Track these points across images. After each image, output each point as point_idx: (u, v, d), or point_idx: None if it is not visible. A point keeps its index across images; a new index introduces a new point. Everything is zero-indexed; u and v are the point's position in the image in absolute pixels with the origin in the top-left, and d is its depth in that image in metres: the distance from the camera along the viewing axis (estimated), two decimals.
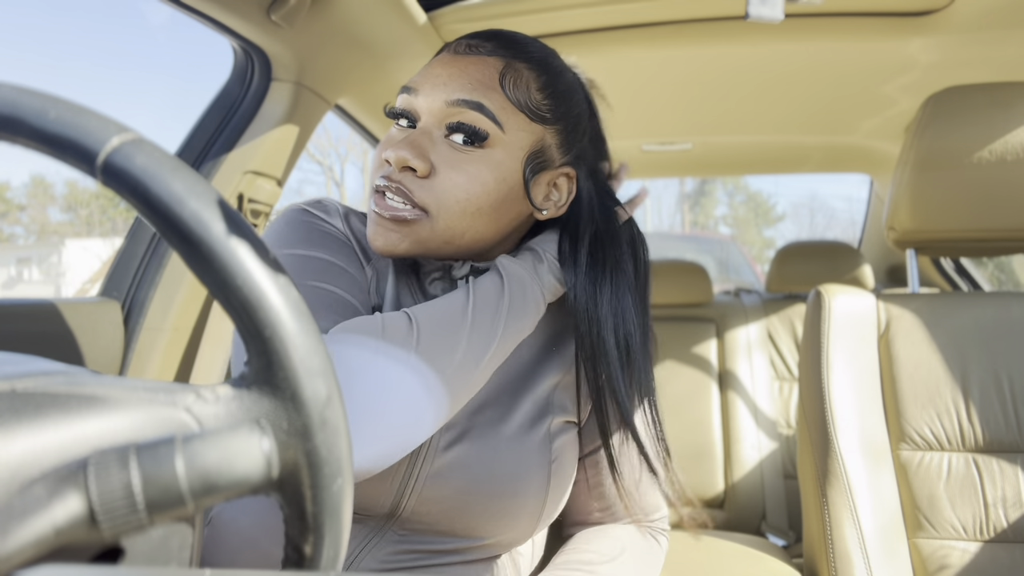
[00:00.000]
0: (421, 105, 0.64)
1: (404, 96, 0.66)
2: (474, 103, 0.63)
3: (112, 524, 0.25)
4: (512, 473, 0.63)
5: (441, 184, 0.62)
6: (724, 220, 29.04)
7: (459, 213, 0.63)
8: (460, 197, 0.62)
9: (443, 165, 0.62)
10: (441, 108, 0.63)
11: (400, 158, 0.61)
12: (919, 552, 0.91)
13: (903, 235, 1.04)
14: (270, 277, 0.30)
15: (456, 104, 0.63)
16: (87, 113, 0.29)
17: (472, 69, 0.64)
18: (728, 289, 2.28)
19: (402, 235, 0.62)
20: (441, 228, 0.63)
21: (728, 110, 1.69)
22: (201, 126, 1.15)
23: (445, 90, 0.63)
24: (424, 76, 0.66)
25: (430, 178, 0.62)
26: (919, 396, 0.95)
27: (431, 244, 0.64)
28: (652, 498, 0.76)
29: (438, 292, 0.69)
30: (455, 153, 0.63)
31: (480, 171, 0.63)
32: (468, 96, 0.63)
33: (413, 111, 0.65)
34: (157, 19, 53.88)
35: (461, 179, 0.62)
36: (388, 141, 0.65)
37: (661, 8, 1.18)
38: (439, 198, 0.62)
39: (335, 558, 0.32)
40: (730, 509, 1.78)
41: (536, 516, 0.65)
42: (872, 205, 2.43)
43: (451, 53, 0.67)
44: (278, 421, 0.30)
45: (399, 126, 0.67)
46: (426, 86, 0.64)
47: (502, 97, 0.64)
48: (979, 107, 0.98)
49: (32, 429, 0.26)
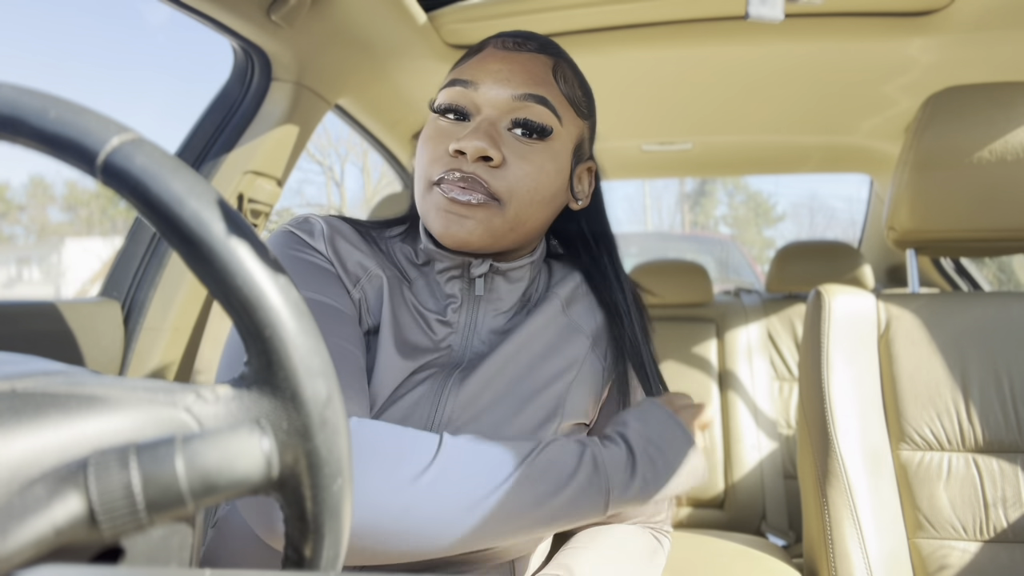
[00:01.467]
0: (482, 98, 0.66)
1: (458, 90, 0.67)
2: (540, 97, 0.66)
3: (112, 524, 0.25)
4: None
5: (513, 173, 0.65)
6: (724, 220, 29.03)
7: (528, 202, 0.66)
8: (530, 186, 0.65)
9: (512, 156, 0.65)
10: (507, 102, 0.66)
11: (478, 148, 0.63)
12: (919, 552, 0.91)
13: (903, 235, 1.04)
14: (270, 277, 0.30)
15: (523, 98, 0.65)
16: (87, 113, 0.29)
17: (530, 65, 0.67)
18: (728, 289, 2.27)
19: (476, 222, 0.64)
20: (511, 216, 0.65)
21: (728, 110, 1.69)
22: (201, 126, 1.15)
23: (509, 85, 0.65)
24: (481, 70, 0.67)
25: (501, 169, 0.64)
26: (919, 396, 0.95)
27: (499, 232, 0.66)
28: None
29: (455, 291, 0.70)
30: (521, 145, 0.66)
31: (544, 162, 0.66)
32: (533, 90, 0.66)
33: (470, 104, 0.66)
34: (157, 19, 53.87)
35: (530, 169, 0.65)
36: (446, 133, 0.66)
37: (661, 8, 1.18)
38: (511, 187, 0.65)
39: (335, 558, 0.32)
40: (730, 509, 1.78)
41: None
42: (872, 205, 2.43)
43: (500, 49, 0.68)
44: (278, 421, 0.30)
45: (448, 119, 0.67)
46: (487, 80, 0.66)
47: (558, 92, 0.68)
48: (979, 107, 0.98)
49: (32, 429, 0.26)
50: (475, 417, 0.64)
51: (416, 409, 0.64)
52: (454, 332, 0.70)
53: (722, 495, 1.80)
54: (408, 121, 1.69)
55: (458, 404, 0.64)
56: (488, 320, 0.71)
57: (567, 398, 0.68)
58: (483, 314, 0.71)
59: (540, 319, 0.71)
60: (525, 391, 0.67)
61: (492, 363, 0.67)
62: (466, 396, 0.65)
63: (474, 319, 0.70)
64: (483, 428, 0.64)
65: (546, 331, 0.71)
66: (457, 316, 0.70)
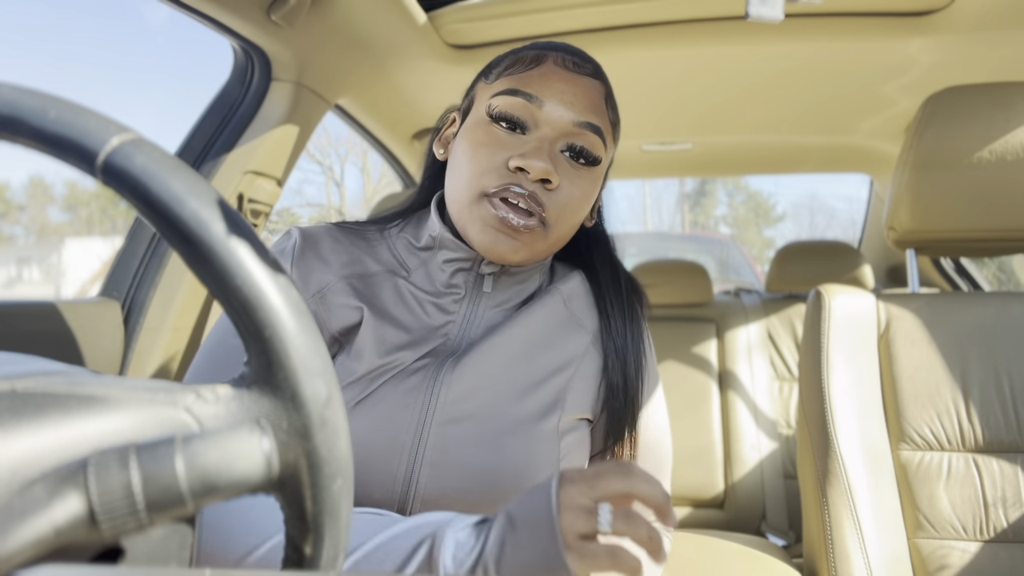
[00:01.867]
0: (544, 116, 0.66)
1: (521, 101, 0.66)
2: (595, 127, 0.67)
3: (112, 524, 0.25)
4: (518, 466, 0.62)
5: (564, 198, 0.66)
6: (724, 220, 29.02)
7: (570, 225, 0.67)
8: (575, 211, 0.67)
9: (565, 181, 0.66)
10: (567, 126, 0.66)
11: (544, 171, 0.63)
12: (919, 552, 0.91)
13: (903, 235, 1.04)
14: (270, 277, 0.30)
15: (582, 126, 0.66)
16: (87, 113, 0.29)
17: (591, 91, 0.68)
18: (728, 289, 2.27)
19: (522, 243, 0.65)
20: (553, 239, 0.67)
21: (728, 110, 1.69)
22: (201, 126, 1.15)
23: (572, 109, 0.66)
24: (545, 87, 0.66)
25: (555, 192, 0.65)
26: (919, 396, 0.95)
27: (540, 253, 0.67)
28: None
29: (459, 281, 0.70)
30: (572, 169, 0.66)
31: (589, 188, 0.68)
32: (592, 120, 0.67)
33: (530, 118, 0.66)
34: (157, 19, 53.85)
35: (578, 195, 0.66)
36: (502, 144, 0.65)
37: (661, 8, 1.18)
38: (560, 211, 0.65)
39: (335, 558, 0.32)
40: (730, 509, 1.78)
41: None
42: (872, 205, 2.43)
43: (562, 68, 0.68)
44: (278, 421, 0.30)
45: (502, 127, 0.66)
46: (552, 100, 0.66)
47: (607, 120, 0.69)
48: (979, 107, 0.98)
49: (32, 429, 0.26)
50: (469, 405, 0.64)
51: (409, 397, 0.64)
52: (452, 322, 0.69)
53: (722, 495, 1.80)
54: (408, 121, 1.69)
55: (452, 392, 0.64)
56: (488, 314, 0.71)
57: (568, 391, 0.68)
58: (484, 308, 0.71)
59: (540, 311, 0.71)
60: (522, 380, 0.66)
61: (486, 349, 0.67)
62: (461, 384, 0.64)
63: (475, 312, 0.70)
64: (479, 416, 0.63)
65: (546, 323, 0.70)
66: (458, 307, 0.70)
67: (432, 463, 0.61)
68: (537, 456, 0.63)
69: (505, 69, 0.69)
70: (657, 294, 2.04)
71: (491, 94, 0.68)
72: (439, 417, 0.63)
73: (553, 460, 0.64)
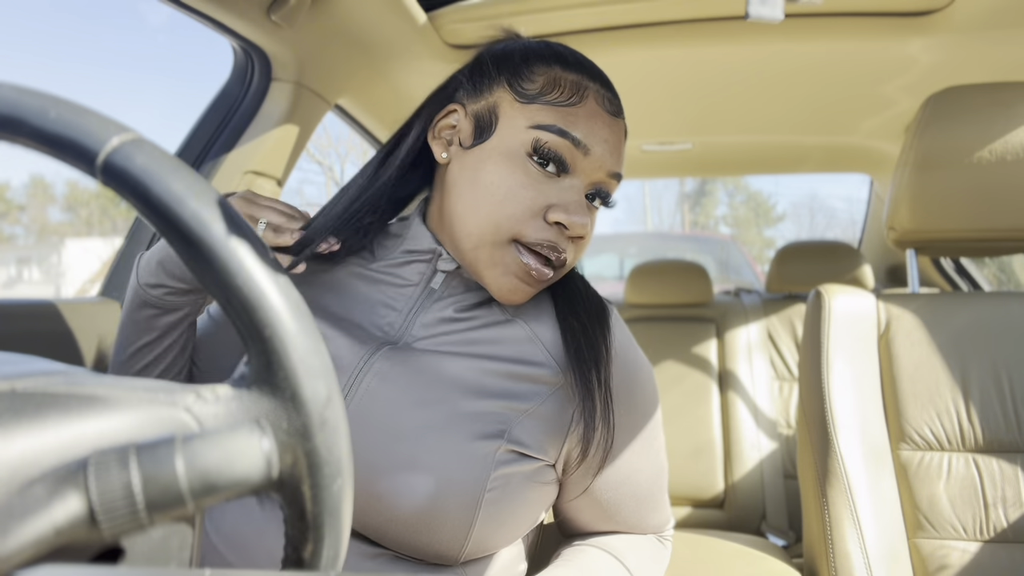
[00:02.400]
0: (588, 166, 0.63)
1: (568, 145, 0.61)
2: (620, 176, 0.67)
3: (112, 524, 0.25)
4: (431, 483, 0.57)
5: (583, 244, 0.66)
6: (724, 220, 29.02)
7: (576, 262, 0.67)
8: (583, 251, 0.67)
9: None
10: (603, 176, 0.65)
11: (583, 228, 0.62)
12: (919, 552, 0.91)
13: (903, 235, 1.04)
14: (270, 277, 0.30)
15: (613, 177, 0.66)
16: (87, 113, 0.29)
17: (622, 135, 0.67)
18: (728, 289, 2.28)
19: (537, 289, 0.65)
20: (561, 275, 0.66)
21: (728, 110, 1.69)
22: (201, 126, 1.15)
23: (611, 159, 0.65)
24: (592, 134, 0.62)
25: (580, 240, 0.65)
26: (919, 396, 0.95)
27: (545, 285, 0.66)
28: (659, 517, 0.75)
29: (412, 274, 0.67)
30: (589, 211, 0.66)
31: (594, 227, 0.67)
32: (621, 170, 0.67)
33: (573, 163, 0.62)
34: (157, 19, 53.85)
35: (587, 240, 0.66)
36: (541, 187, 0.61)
37: (661, 8, 1.18)
38: (576, 255, 0.66)
39: (335, 558, 0.32)
40: (730, 509, 1.78)
41: (458, 543, 0.58)
42: (872, 205, 2.43)
43: (604, 110, 0.65)
44: (278, 421, 0.30)
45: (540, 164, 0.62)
46: (598, 148, 0.63)
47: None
48: (979, 107, 0.98)
49: (32, 429, 0.26)
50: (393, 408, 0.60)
51: None
52: (397, 310, 0.66)
53: (722, 495, 1.80)
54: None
55: (378, 385, 0.60)
56: (440, 307, 0.67)
57: (515, 428, 0.61)
58: (435, 302, 0.67)
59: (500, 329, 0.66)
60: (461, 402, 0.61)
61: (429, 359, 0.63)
62: (392, 380, 0.61)
63: (424, 304, 0.67)
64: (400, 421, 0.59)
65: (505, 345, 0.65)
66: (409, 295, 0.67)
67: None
68: (456, 476, 0.58)
69: (542, 92, 0.63)
70: (657, 294, 2.04)
71: (530, 123, 0.62)
72: (356, 409, 0.60)
73: (476, 486, 0.58)
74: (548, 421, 0.64)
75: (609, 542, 0.71)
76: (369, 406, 0.60)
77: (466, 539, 0.59)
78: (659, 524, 0.76)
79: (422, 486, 0.57)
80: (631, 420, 0.69)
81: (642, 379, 0.70)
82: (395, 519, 0.57)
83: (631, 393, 0.69)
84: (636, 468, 0.70)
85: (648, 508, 0.73)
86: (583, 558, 0.68)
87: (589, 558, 0.68)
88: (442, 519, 0.57)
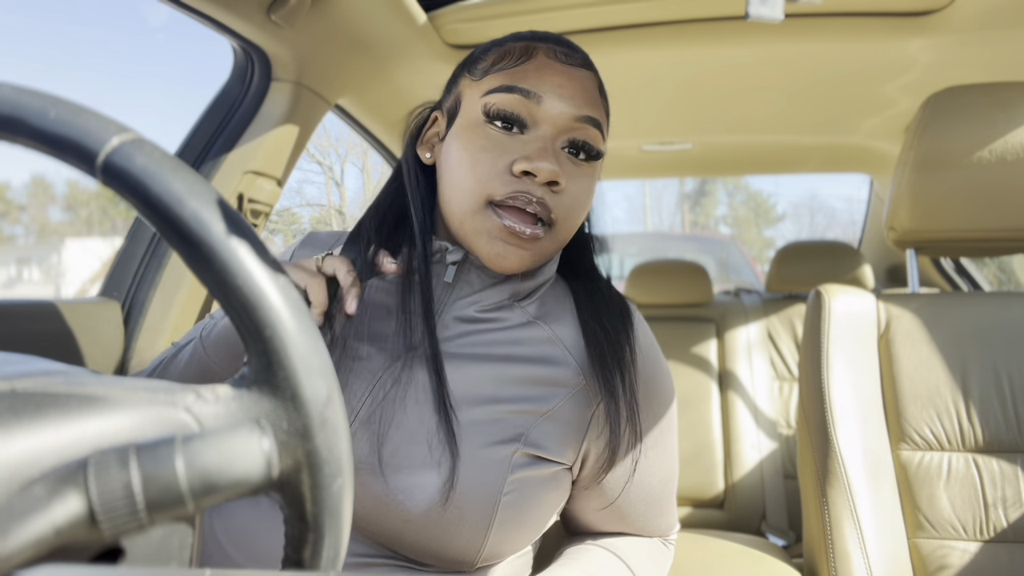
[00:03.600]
0: (544, 114, 0.62)
1: (518, 98, 0.62)
2: (595, 120, 0.64)
3: (112, 524, 0.25)
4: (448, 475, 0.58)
5: (568, 201, 0.63)
6: (724, 220, 29.01)
7: (574, 224, 0.65)
8: (580, 210, 0.64)
9: (568, 181, 0.63)
10: (568, 121, 0.63)
11: (553, 173, 0.60)
12: (919, 552, 0.91)
13: (903, 235, 1.04)
14: (270, 277, 0.30)
15: (583, 120, 0.63)
16: (87, 113, 0.29)
17: (586, 82, 0.65)
18: (728, 289, 2.27)
19: (530, 253, 0.62)
20: (559, 241, 0.64)
21: (728, 110, 1.69)
22: (201, 126, 1.15)
23: (572, 103, 0.63)
24: (542, 82, 0.62)
25: (560, 194, 0.62)
26: (919, 396, 0.95)
27: (546, 255, 0.64)
28: (666, 522, 0.76)
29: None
30: (574, 167, 0.64)
31: (590, 185, 0.65)
32: (592, 113, 0.64)
33: (528, 116, 0.62)
34: (157, 20, 53.86)
35: (581, 192, 0.64)
36: (503, 147, 0.62)
37: (661, 8, 1.18)
38: (567, 211, 0.63)
39: (335, 558, 0.32)
40: (730, 509, 1.78)
41: (475, 547, 0.59)
42: (872, 205, 2.43)
43: (555, 60, 0.65)
44: (278, 421, 0.30)
45: (497, 127, 0.63)
46: (550, 95, 0.62)
47: (603, 112, 0.66)
48: (979, 107, 0.98)
49: (32, 429, 0.26)
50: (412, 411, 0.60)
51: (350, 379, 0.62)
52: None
53: (722, 495, 1.80)
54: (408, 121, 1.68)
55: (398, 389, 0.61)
56: (459, 307, 0.67)
57: (532, 430, 0.62)
58: (453, 301, 0.67)
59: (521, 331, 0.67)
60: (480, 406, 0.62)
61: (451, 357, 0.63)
62: (412, 385, 0.61)
63: (442, 303, 0.67)
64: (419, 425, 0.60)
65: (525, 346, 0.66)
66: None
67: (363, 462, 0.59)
68: (473, 480, 0.58)
69: (493, 64, 0.65)
70: (657, 294, 2.04)
71: (482, 92, 0.64)
72: (374, 413, 0.60)
73: (493, 490, 0.59)
74: (566, 423, 0.64)
75: (613, 543, 0.71)
76: (389, 411, 0.61)
77: (483, 542, 0.59)
78: (665, 528, 0.76)
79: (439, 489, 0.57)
80: (649, 421, 0.69)
81: (662, 383, 0.71)
82: (411, 521, 0.57)
83: (650, 395, 0.69)
84: (649, 471, 0.70)
85: (656, 511, 0.73)
86: (587, 557, 0.68)
87: (593, 557, 0.68)
88: (459, 522, 0.58)
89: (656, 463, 0.70)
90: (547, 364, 0.65)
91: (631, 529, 0.73)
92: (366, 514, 0.58)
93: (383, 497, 0.58)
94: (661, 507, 0.73)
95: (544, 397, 0.64)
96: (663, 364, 0.72)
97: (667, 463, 0.72)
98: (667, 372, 0.72)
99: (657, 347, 0.72)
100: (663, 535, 0.76)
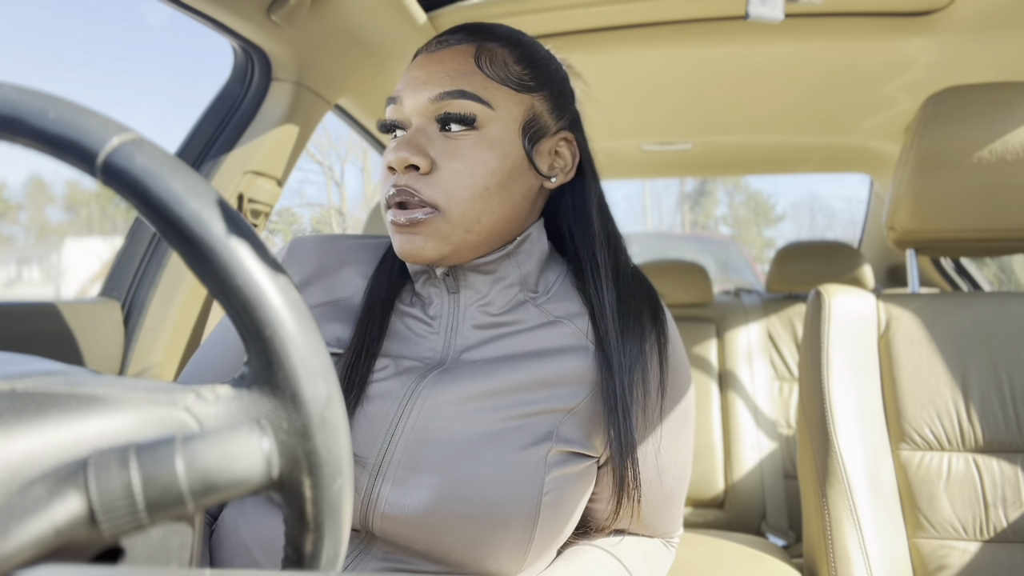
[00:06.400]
0: (407, 109, 0.65)
1: (391, 107, 0.67)
2: (456, 92, 0.64)
3: (112, 524, 0.25)
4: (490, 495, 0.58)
5: (446, 177, 0.63)
6: (724, 220, 28.99)
7: (469, 199, 0.63)
8: (467, 183, 0.63)
9: (443, 158, 0.63)
10: (427, 106, 0.64)
11: (401, 159, 0.62)
12: (919, 552, 0.91)
13: (903, 235, 1.04)
14: (270, 277, 0.30)
15: (440, 98, 0.64)
16: (87, 113, 0.29)
17: (447, 61, 0.65)
18: (728, 289, 2.28)
19: (424, 237, 0.63)
20: (456, 219, 0.63)
21: (728, 110, 1.69)
22: (201, 126, 1.15)
23: (426, 88, 0.64)
24: (404, 82, 0.67)
25: (433, 174, 0.63)
26: (919, 396, 0.95)
27: (453, 238, 0.63)
28: (672, 522, 0.76)
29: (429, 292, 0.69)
30: (451, 142, 0.64)
31: (479, 153, 0.64)
32: (448, 87, 0.64)
33: (402, 118, 0.66)
34: (157, 19, 53.86)
35: (463, 166, 0.63)
36: (387, 151, 0.65)
37: (661, 8, 1.18)
38: (447, 190, 0.63)
39: (335, 558, 0.32)
40: (730, 509, 1.78)
41: (522, 552, 0.60)
42: (872, 205, 2.43)
43: (424, 54, 0.68)
44: (278, 421, 0.30)
45: (391, 137, 0.68)
46: (408, 90, 0.65)
47: (482, 77, 0.65)
48: (979, 107, 0.98)
49: (32, 429, 0.26)
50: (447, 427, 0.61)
51: (380, 404, 0.62)
52: (435, 332, 0.67)
53: (722, 495, 1.80)
54: None
55: (429, 407, 0.62)
56: (472, 314, 0.68)
57: (562, 424, 0.63)
58: (464, 309, 0.68)
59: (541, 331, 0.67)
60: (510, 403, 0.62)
61: (474, 365, 0.64)
62: (441, 400, 0.62)
63: (455, 316, 0.68)
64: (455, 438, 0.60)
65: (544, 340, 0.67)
66: (439, 312, 0.68)
67: (397, 481, 0.59)
68: (514, 487, 0.59)
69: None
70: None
71: None
72: (410, 434, 0.61)
73: (533, 493, 0.60)
74: (593, 415, 0.66)
75: (611, 544, 0.71)
76: (423, 427, 0.61)
77: (528, 547, 0.60)
78: (670, 529, 0.76)
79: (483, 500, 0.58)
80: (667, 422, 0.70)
81: (681, 384, 0.72)
82: (459, 538, 0.58)
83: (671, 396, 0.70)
84: (661, 469, 0.70)
85: (663, 511, 0.73)
86: (584, 558, 0.68)
87: (590, 558, 0.68)
88: (504, 530, 0.58)
89: (670, 462, 0.71)
90: (570, 361, 0.66)
91: (637, 527, 0.73)
92: (411, 534, 0.59)
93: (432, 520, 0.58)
94: (668, 508, 0.73)
95: (570, 395, 0.65)
96: (685, 366, 0.73)
97: (682, 465, 0.72)
98: (687, 376, 0.73)
99: (681, 348, 0.73)
100: (667, 535, 0.76)
